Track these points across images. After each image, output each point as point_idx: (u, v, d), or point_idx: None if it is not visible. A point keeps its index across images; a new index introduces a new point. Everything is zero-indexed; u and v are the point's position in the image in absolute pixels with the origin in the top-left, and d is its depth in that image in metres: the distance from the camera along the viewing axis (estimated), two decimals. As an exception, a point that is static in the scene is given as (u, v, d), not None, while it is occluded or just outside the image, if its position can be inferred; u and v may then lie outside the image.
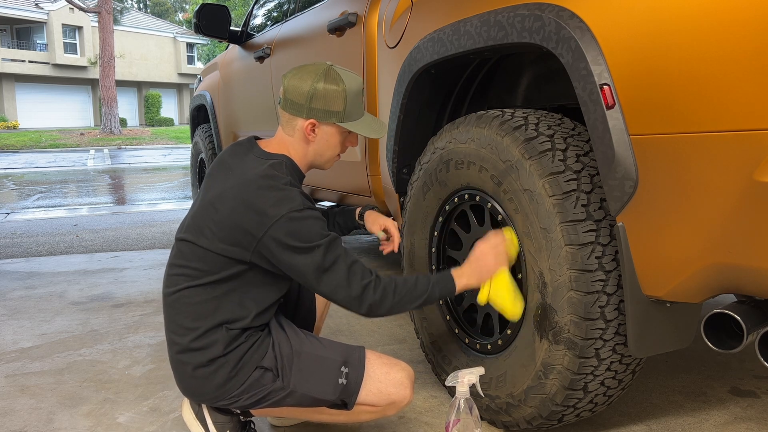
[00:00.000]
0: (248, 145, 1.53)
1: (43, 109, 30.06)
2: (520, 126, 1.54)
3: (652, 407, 1.85)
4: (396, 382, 1.48)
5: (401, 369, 1.50)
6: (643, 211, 1.24)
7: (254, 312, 1.46)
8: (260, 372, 1.45)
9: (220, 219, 1.41)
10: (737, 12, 1.05)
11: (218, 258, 1.42)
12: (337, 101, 1.47)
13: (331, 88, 1.46)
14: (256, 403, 1.47)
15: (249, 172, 1.43)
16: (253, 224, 1.37)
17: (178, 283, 1.46)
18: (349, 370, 1.47)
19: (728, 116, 1.07)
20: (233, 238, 1.40)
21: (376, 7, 2.24)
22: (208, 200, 1.46)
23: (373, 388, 1.47)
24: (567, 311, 1.40)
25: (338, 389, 1.46)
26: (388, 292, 1.41)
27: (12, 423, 1.82)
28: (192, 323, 1.44)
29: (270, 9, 3.65)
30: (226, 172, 1.48)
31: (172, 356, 1.48)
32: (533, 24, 1.41)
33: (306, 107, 1.47)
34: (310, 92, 1.46)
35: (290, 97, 1.48)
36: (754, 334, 1.18)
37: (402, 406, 1.50)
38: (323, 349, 1.49)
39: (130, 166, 13.10)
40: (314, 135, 1.50)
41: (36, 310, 2.96)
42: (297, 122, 1.50)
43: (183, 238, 1.48)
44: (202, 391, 1.46)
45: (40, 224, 5.77)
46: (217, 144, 4.28)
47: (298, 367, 1.46)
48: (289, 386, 1.45)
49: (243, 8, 28.79)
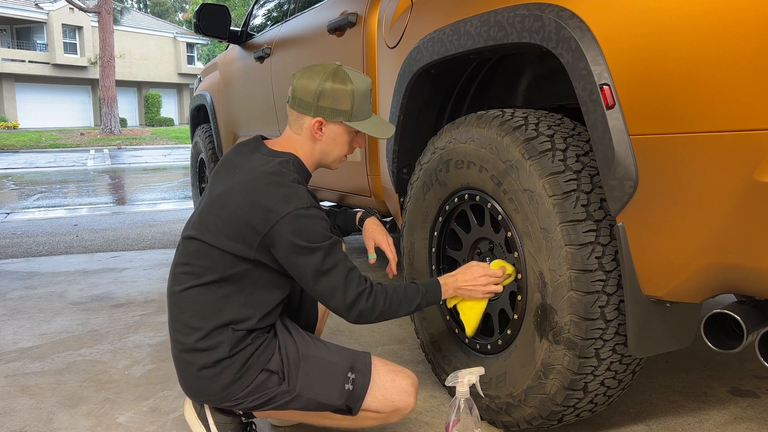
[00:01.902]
0: (254, 144, 1.53)
1: (43, 109, 30.06)
2: (520, 126, 1.54)
3: (652, 407, 1.85)
4: (401, 390, 1.49)
5: (406, 376, 1.51)
6: (643, 211, 1.24)
7: (260, 313, 1.46)
8: (266, 375, 1.44)
9: (226, 215, 1.41)
10: (737, 12, 1.05)
11: (223, 255, 1.42)
12: (345, 100, 1.48)
13: (339, 87, 1.47)
14: (261, 405, 1.46)
15: (256, 169, 1.43)
16: (258, 220, 1.38)
17: (183, 282, 1.46)
18: (356, 376, 1.47)
19: (728, 116, 1.07)
20: (238, 234, 1.40)
21: (376, 7, 2.24)
22: (214, 197, 1.46)
23: (378, 395, 1.48)
24: (567, 311, 1.40)
25: (344, 395, 1.46)
26: (378, 300, 1.44)
27: (12, 423, 1.82)
28: (197, 323, 1.44)
29: (270, 9, 3.65)
30: (232, 170, 1.48)
31: (177, 355, 1.48)
32: (533, 24, 1.41)
33: (314, 106, 1.48)
34: (318, 91, 1.46)
35: (298, 96, 1.49)
36: (754, 334, 1.18)
37: (405, 413, 1.51)
38: (330, 354, 1.49)
39: (130, 166, 13.10)
40: (321, 133, 1.51)
41: (36, 310, 2.96)
42: (305, 120, 1.50)
43: (189, 235, 1.47)
44: (206, 392, 1.46)
45: (40, 224, 5.77)
46: (217, 144, 4.28)
47: (305, 372, 1.46)
48: (295, 390, 1.45)
49: (243, 8, 28.79)
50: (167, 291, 1.52)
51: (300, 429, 1.76)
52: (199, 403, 1.54)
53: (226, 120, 4.04)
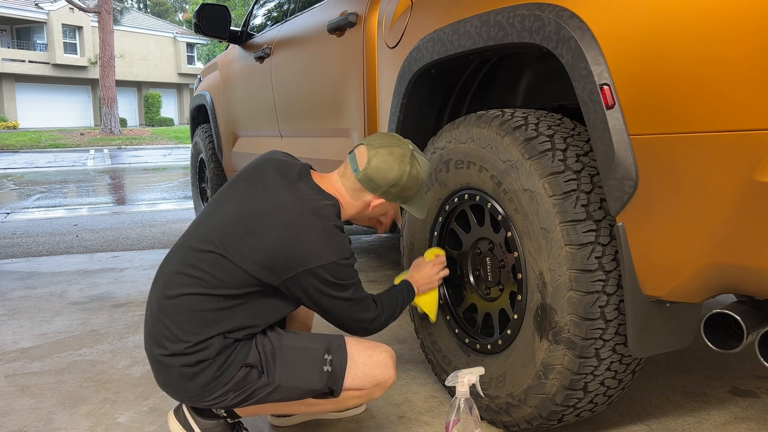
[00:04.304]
0: (302, 170, 1.51)
1: (43, 109, 30.07)
2: (520, 126, 1.54)
3: (652, 407, 1.85)
4: (380, 363, 1.51)
5: (383, 350, 1.54)
6: (643, 211, 1.24)
7: (259, 326, 1.45)
8: (246, 370, 1.43)
9: (263, 239, 1.37)
10: (737, 12, 1.05)
11: (244, 275, 1.39)
12: (412, 188, 1.55)
13: (413, 176, 1.52)
14: (243, 401, 1.45)
15: (305, 204, 1.42)
16: (298, 259, 1.37)
17: (185, 285, 1.40)
18: (333, 357, 1.48)
19: (728, 116, 1.07)
20: (270, 264, 1.38)
21: (376, 7, 2.24)
22: (245, 212, 1.41)
23: (358, 372, 1.49)
24: (567, 311, 1.40)
25: (324, 377, 1.46)
26: (383, 313, 1.57)
27: (12, 423, 1.82)
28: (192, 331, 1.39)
29: (270, 9, 3.65)
30: (271, 188, 1.45)
31: (155, 357, 1.43)
32: (533, 24, 1.41)
33: (383, 189, 1.52)
34: (395, 180, 1.51)
35: (372, 176, 1.51)
36: (754, 334, 1.18)
37: (387, 386, 1.54)
38: (304, 341, 1.50)
39: (130, 166, 13.10)
40: (375, 208, 1.57)
41: (36, 310, 2.96)
42: (366, 195, 1.54)
43: (208, 249, 1.40)
44: (184, 389, 1.43)
45: (40, 224, 5.77)
46: (217, 144, 4.28)
47: (282, 361, 1.46)
48: (275, 381, 1.44)
49: (243, 8, 28.80)
50: (153, 292, 1.46)
51: (300, 429, 1.76)
52: (180, 411, 1.53)
53: (226, 120, 4.04)
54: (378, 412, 1.84)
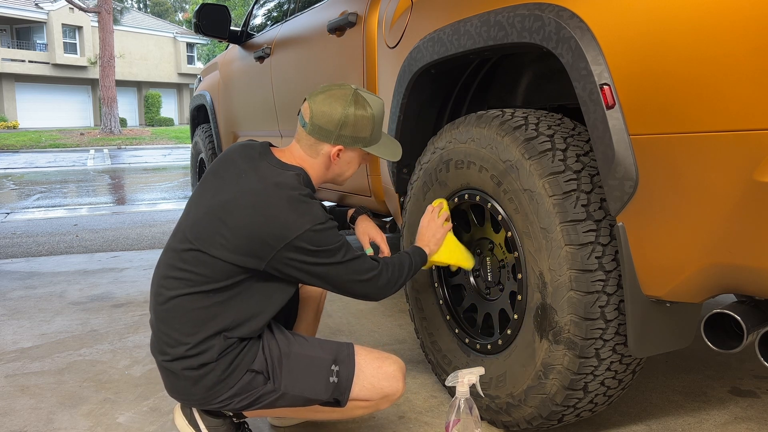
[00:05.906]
0: (262, 150, 1.50)
1: (43, 109, 30.06)
2: (520, 126, 1.54)
3: (652, 407, 1.85)
4: (388, 376, 1.49)
5: (393, 362, 1.51)
6: (643, 211, 1.24)
7: (256, 319, 1.44)
8: (251, 375, 1.43)
9: (235, 227, 1.37)
10: (737, 12, 1.05)
11: (227, 266, 1.39)
12: (366, 127, 1.50)
13: (360, 114, 1.48)
14: (249, 405, 1.46)
15: (267, 181, 1.41)
16: (273, 236, 1.36)
17: (175, 287, 1.41)
18: (340, 368, 1.47)
19: (728, 116, 1.07)
20: (249, 249, 1.37)
21: (376, 7, 2.24)
22: (217, 205, 1.41)
23: (366, 384, 1.48)
24: (567, 311, 1.40)
25: (330, 388, 1.46)
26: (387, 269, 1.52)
27: (12, 423, 1.82)
28: (189, 332, 1.40)
29: (270, 9, 3.65)
30: (236, 174, 1.45)
31: (161, 364, 1.46)
32: (533, 24, 1.41)
33: (335, 134, 1.48)
34: (341, 120, 1.47)
35: (318, 123, 1.48)
36: (754, 334, 1.18)
37: (395, 398, 1.52)
38: (312, 349, 1.49)
39: (130, 166, 13.10)
40: (338, 159, 1.52)
41: (36, 310, 2.96)
42: (323, 147, 1.50)
43: (187, 248, 1.41)
44: (189, 393, 1.44)
45: (40, 224, 5.77)
46: (217, 144, 4.28)
47: (288, 369, 1.45)
48: (281, 388, 1.44)
49: (243, 8, 28.79)
50: (150, 301, 1.48)
51: (300, 429, 1.76)
52: (188, 407, 1.53)
53: (226, 120, 4.04)
54: (378, 412, 1.84)
